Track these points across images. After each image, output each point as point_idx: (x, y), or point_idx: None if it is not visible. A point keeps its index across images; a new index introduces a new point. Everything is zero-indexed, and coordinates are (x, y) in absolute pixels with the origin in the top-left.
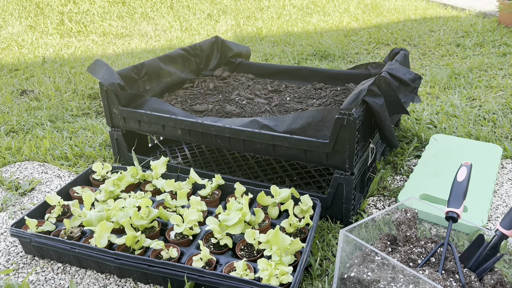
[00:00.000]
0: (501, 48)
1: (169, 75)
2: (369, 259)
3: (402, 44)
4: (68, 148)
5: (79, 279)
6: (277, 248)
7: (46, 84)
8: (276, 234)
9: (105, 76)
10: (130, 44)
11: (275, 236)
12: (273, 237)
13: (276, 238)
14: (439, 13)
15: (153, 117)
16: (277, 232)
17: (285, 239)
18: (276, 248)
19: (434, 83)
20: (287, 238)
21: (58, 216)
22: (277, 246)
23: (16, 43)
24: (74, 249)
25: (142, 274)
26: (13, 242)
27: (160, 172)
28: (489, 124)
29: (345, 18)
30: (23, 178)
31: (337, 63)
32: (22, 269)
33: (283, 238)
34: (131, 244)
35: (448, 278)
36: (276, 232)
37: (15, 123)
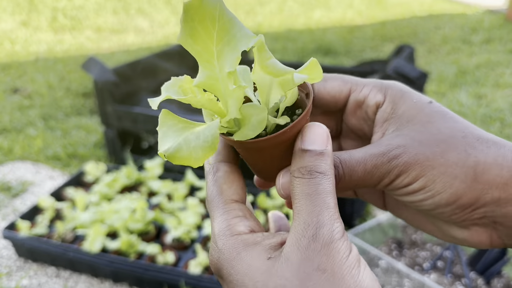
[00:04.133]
0: (508, 45)
1: (165, 72)
2: (373, 263)
3: (407, 40)
4: (61, 147)
5: (73, 283)
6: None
7: (39, 82)
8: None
9: (99, 74)
10: (125, 40)
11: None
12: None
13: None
14: (445, 9)
15: (149, 116)
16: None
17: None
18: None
19: (440, 80)
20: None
21: (51, 218)
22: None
23: (9, 40)
24: (68, 253)
25: (138, 279)
26: (5, 244)
27: (156, 173)
28: (497, 123)
29: (348, 13)
30: (15, 179)
31: (340, 60)
32: (15, 272)
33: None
34: (126, 248)
35: (455, 282)
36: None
37: (7, 121)
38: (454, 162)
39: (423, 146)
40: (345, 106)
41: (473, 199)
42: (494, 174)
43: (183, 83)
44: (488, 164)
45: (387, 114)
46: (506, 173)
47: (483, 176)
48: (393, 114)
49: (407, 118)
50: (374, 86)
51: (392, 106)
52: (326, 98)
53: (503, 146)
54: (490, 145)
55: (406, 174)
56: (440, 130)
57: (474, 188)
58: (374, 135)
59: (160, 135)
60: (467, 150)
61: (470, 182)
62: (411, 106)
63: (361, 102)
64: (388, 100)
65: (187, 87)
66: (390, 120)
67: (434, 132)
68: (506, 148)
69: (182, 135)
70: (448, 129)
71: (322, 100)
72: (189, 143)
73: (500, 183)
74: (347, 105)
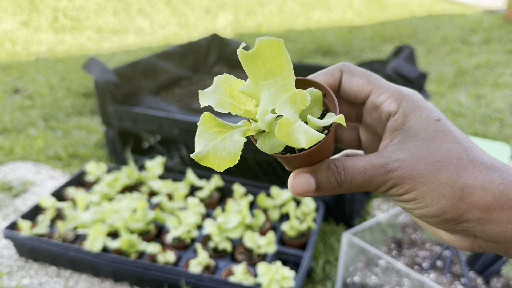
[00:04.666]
0: (508, 45)
1: (166, 73)
2: (373, 263)
3: (407, 41)
4: (62, 148)
5: (74, 282)
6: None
7: (40, 82)
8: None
9: (100, 74)
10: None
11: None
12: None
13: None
14: (444, 9)
15: (149, 116)
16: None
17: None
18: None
19: (439, 81)
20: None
21: (52, 218)
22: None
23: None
24: (69, 253)
25: (138, 278)
26: (6, 244)
27: (156, 173)
28: (496, 123)
29: (348, 13)
30: (16, 179)
31: (340, 60)
32: (16, 272)
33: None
34: (127, 248)
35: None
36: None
37: (8, 122)
38: (444, 182)
39: (419, 163)
40: (364, 103)
41: (456, 215)
42: (478, 198)
43: (232, 82)
44: (475, 188)
45: (397, 125)
46: (489, 197)
47: (468, 197)
48: (403, 126)
49: (412, 132)
50: (392, 95)
51: (403, 118)
52: (348, 93)
53: (494, 170)
54: (481, 169)
55: (400, 186)
56: (438, 150)
57: (459, 207)
58: (383, 141)
59: (196, 134)
60: (458, 172)
61: (456, 201)
62: (419, 122)
63: (377, 106)
64: (401, 111)
65: (234, 87)
66: (399, 131)
67: (432, 151)
68: (495, 173)
69: (214, 141)
70: (445, 149)
71: (345, 93)
72: (216, 152)
73: (483, 205)
74: (366, 104)
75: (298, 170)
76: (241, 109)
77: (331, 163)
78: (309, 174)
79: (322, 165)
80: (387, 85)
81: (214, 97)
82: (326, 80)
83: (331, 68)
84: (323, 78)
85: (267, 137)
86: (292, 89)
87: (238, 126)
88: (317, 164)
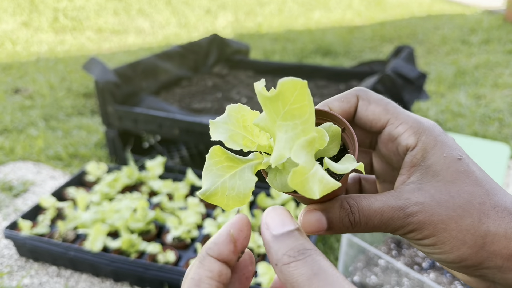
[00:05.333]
0: (507, 45)
1: (166, 73)
2: (373, 262)
3: (407, 41)
4: (62, 148)
5: (74, 282)
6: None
7: (40, 83)
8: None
9: (101, 74)
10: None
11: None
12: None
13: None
14: (444, 9)
15: (150, 116)
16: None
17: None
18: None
19: (439, 81)
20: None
21: (52, 218)
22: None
23: (10, 41)
24: (69, 253)
25: (139, 278)
26: (6, 244)
27: (156, 173)
28: (495, 123)
29: (348, 14)
30: (17, 179)
31: (340, 60)
32: (16, 272)
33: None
34: (127, 248)
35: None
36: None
37: (8, 122)
38: (466, 229)
39: (440, 208)
40: (380, 132)
41: (477, 263)
42: (501, 246)
43: (246, 113)
44: (497, 236)
45: (416, 160)
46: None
47: (491, 246)
48: (422, 163)
49: (433, 172)
50: (410, 127)
51: (422, 154)
52: (364, 121)
53: None
54: (504, 216)
55: (420, 231)
56: (459, 194)
57: (480, 255)
58: (400, 176)
59: (204, 168)
60: (481, 219)
61: (477, 249)
62: (440, 160)
63: (394, 137)
64: (420, 146)
65: (248, 118)
66: (418, 167)
67: (454, 194)
68: None
69: (223, 177)
70: (467, 193)
71: (360, 121)
72: (225, 191)
73: (505, 254)
74: (382, 134)
75: (309, 207)
76: (254, 142)
77: (344, 202)
78: (320, 213)
79: (335, 203)
80: (406, 116)
81: (226, 129)
82: (341, 106)
83: (347, 94)
84: (338, 105)
85: (279, 173)
86: (312, 135)
87: (248, 160)
88: (329, 201)
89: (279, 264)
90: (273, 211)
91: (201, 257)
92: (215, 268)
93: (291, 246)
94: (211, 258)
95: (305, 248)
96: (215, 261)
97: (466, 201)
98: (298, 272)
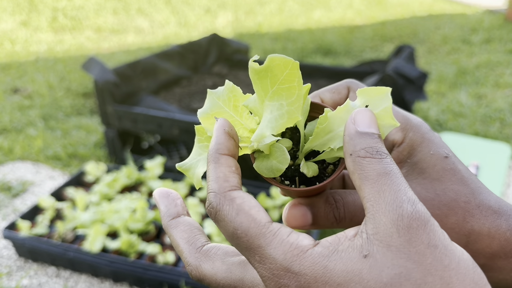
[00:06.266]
0: (508, 45)
1: (166, 73)
2: None
3: (407, 40)
4: (61, 148)
5: (73, 283)
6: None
7: (39, 82)
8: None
9: (100, 74)
10: (125, 40)
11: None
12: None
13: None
14: (445, 9)
15: (149, 116)
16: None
17: None
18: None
19: (440, 81)
20: None
21: (51, 218)
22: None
23: (9, 40)
24: (68, 253)
25: (138, 278)
26: (5, 244)
27: (156, 173)
28: (496, 123)
29: (348, 13)
30: (15, 179)
31: (340, 60)
32: (15, 272)
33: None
34: (127, 248)
35: None
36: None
37: (7, 122)
38: (450, 228)
39: (425, 206)
40: None
41: None
42: (484, 245)
43: (238, 94)
44: (481, 235)
45: (402, 156)
46: (495, 245)
47: (474, 245)
48: (408, 159)
49: (419, 169)
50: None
51: (409, 150)
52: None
53: (501, 215)
54: (488, 215)
55: None
56: (445, 192)
57: None
58: None
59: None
60: (465, 218)
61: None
62: (427, 158)
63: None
64: (407, 142)
65: (240, 99)
66: (404, 164)
67: (439, 193)
68: (502, 218)
69: (200, 156)
70: (453, 192)
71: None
72: (195, 168)
73: (488, 253)
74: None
75: (294, 201)
76: (241, 124)
77: (330, 197)
78: (305, 207)
79: (321, 198)
80: (395, 111)
81: (214, 103)
82: (332, 97)
83: (338, 85)
84: (329, 96)
85: (266, 158)
86: (297, 118)
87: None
88: (315, 196)
89: (353, 155)
90: (364, 112)
91: (214, 159)
92: (231, 163)
93: (371, 145)
94: (224, 156)
95: (383, 152)
96: (227, 157)
97: (451, 199)
98: (370, 167)
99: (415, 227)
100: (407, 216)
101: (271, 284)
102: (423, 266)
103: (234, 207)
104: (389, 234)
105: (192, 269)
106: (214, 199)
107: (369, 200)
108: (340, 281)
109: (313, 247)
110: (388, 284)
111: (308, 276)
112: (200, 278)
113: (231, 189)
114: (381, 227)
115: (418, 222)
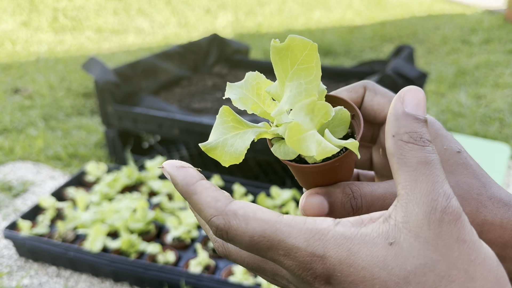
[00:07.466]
0: (508, 45)
1: (166, 73)
2: None
3: (407, 41)
4: (62, 148)
5: (74, 282)
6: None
7: (40, 82)
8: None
9: (100, 74)
10: (126, 40)
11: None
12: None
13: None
14: (444, 9)
15: (149, 116)
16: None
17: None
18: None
19: (439, 81)
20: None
21: (52, 218)
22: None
23: (10, 40)
24: (69, 253)
25: (138, 278)
26: (6, 244)
27: (156, 173)
28: (496, 123)
29: (348, 13)
30: (16, 179)
31: (340, 60)
32: (16, 272)
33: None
34: (127, 248)
35: None
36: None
37: (8, 122)
38: None
39: None
40: (383, 124)
41: None
42: (497, 235)
43: (261, 81)
44: (494, 226)
45: None
46: (507, 235)
47: (487, 235)
48: None
49: None
50: None
51: None
52: (369, 111)
53: (511, 208)
54: (500, 206)
55: None
56: (458, 184)
57: None
58: None
59: (214, 126)
60: (478, 209)
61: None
62: (440, 152)
63: None
64: None
65: (263, 86)
66: None
67: (453, 185)
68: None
69: (226, 135)
70: (465, 184)
71: (365, 111)
72: (224, 146)
73: (500, 243)
74: (385, 124)
75: (311, 191)
76: (263, 109)
77: (346, 187)
78: (322, 197)
79: (337, 188)
80: None
81: (239, 92)
82: (349, 96)
83: (355, 85)
84: (346, 95)
85: (283, 143)
86: (314, 96)
87: (256, 126)
88: (332, 186)
89: (396, 137)
90: (415, 91)
91: (191, 191)
92: (205, 184)
93: (417, 130)
94: (195, 184)
95: (428, 139)
96: (198, 182)
97: (464, 191)
98: (412, 153)
99: (447, 222)
100: (441, 210)
101: (298, 272)
102: (449, 259)
103: (241, 219)
104: (420, 225)
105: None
106: (219, 221)
107: (404, 188)
108: (364, 265)
109: (334, 227)
110: (412, 273)
111: (333, 258)
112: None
113: (226, 204)
114: (413, 217)
115: (450, 217)
